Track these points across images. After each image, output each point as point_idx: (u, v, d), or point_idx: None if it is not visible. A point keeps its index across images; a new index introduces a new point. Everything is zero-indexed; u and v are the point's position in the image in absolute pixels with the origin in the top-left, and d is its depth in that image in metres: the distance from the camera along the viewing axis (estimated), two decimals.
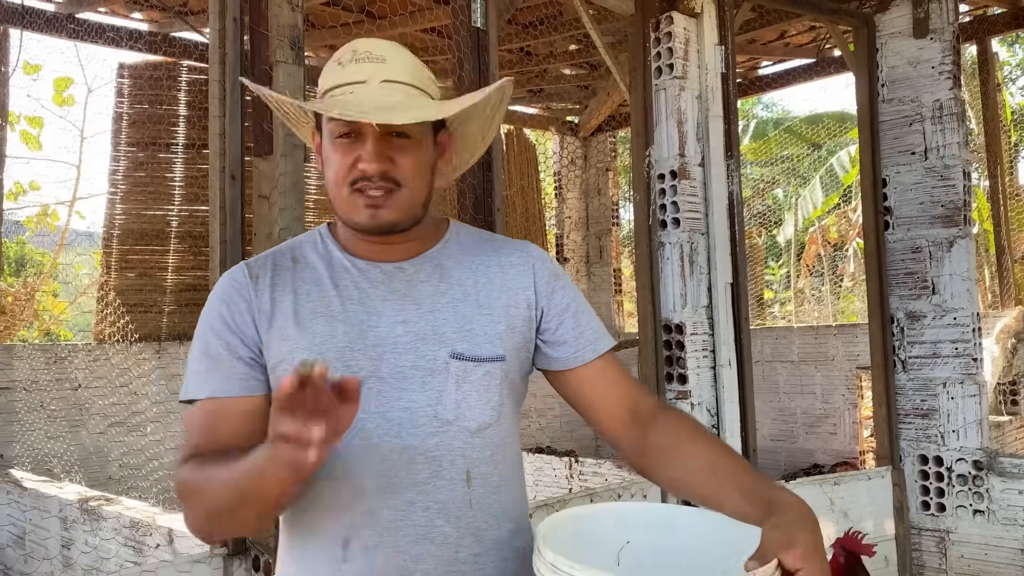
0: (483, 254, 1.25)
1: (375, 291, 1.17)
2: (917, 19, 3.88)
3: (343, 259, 1.20)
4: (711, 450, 1.14)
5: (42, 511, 3.41)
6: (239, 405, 1.14)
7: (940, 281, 3.80)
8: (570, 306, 1.26)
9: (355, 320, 1.15)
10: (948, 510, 3.73)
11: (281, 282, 1.18)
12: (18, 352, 4.64)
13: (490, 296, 1.21)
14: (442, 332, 1.16)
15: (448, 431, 1.14)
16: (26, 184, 5.99)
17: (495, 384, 1.18)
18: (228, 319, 1.16)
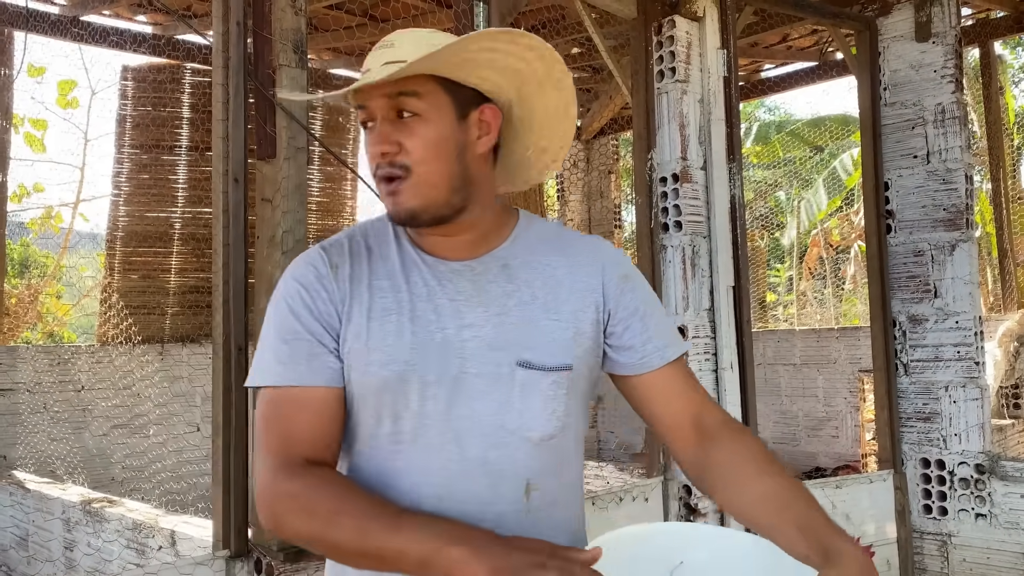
0: (552, 253, 1.20)
1: (443, 290, 1.13)
2: (919, 23, 3.88)
3: (413, 253, 1.16)
4: (773, 478, 1.08)
5: (45, 513, 3.42)
6: (320, 395, 1.09)
7: (942, 285, 3.80)
8: (638, 309, 1.20)
9: (423, 321, 1.11)
10: (950, 514, 3.72)
11: (358, 274, 1.14)
12: (21, 354, 4.65)
13: (558, 299, 1.16)
14: (508, 338, 1.12)
15: (511, 442, 1.11)
16: (30, 186, 6.01)
17: (561, 394, 1.13)
18: (311, 306, 1.11)
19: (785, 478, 1.09)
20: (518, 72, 1.13)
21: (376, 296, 1.13)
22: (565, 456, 1.17)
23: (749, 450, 1.13)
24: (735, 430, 1.17)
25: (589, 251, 1.21)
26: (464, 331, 1.11)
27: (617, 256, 1.24)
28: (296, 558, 2.25)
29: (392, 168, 1.08)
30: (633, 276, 1.23)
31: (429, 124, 1.09)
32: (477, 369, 1.10)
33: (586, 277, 1.19)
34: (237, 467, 2.28)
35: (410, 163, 1.08)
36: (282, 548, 2.24)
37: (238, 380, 2.29)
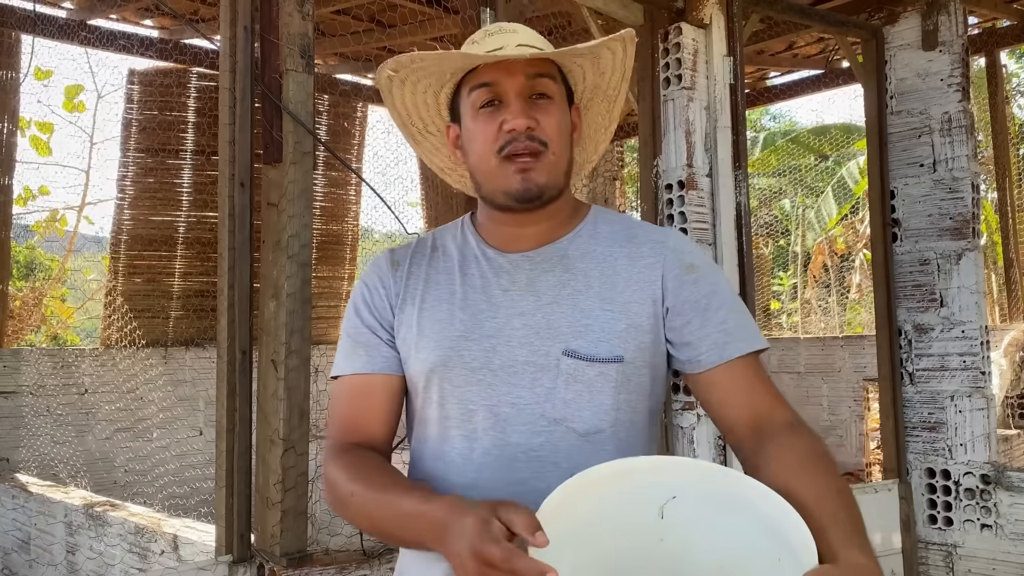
0: (615, 244, 1.19)
1: (498, 280, 1.16)
2: (926, 31, 3.88)
3: (476, 247, 1.21)
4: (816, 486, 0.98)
5: (48, 516, 3.41)
6: (380, 382, 1.18)
7: (948, 294, 3.79)
8: (699, 303, 1.14)
9: (474, 309, 1.15)
10: (955, 524, 3.70)
11: (417, 270, 1.21)
12: (25, 356, 4.65)
13: (613, 290, 1.14)
14: (557, 327, 1.12)
15: (555, 431, 1.10)
16: (35, 189, 6.03)
17: (610, 387, 1.11)
18: (370, 302, 1.21)
19: (829, 485, 0.99)
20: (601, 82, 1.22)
21: (431, 287, 1.19)
22: (620, 453, 1.12)
23: (795, 450, 1.04)
24: (791, 431, 1.08)
25: (654, 242, 1.19)
26: (514, 319, 1.13)
27: (684, 246, 1.19)
28: (299, 564, 2.24)
29: (532, 142, 1.10)
30: (700, 267, 1.17)
31: (558, 108, 1.14)
32: (524, 357, 1.12)
33: (646, 269, 1.16)
34: (240, 471, 2.28)
35: (547, 141, 1.11)
36: (285, 553, 2.24)
37: (242, 384, 2.29)
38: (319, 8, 4.23)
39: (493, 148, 1.11)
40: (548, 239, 1.18)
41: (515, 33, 1.15)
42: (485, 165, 1.13)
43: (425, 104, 1.21)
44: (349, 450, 1.14)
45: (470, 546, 0.87)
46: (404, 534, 1.02)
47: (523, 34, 1.15)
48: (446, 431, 1.14)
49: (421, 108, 1.21)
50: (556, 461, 1.10)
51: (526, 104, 1.11)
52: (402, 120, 1.24)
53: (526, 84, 1.11)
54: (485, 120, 1.12)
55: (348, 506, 1.09)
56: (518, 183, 1.11)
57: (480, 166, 1.14)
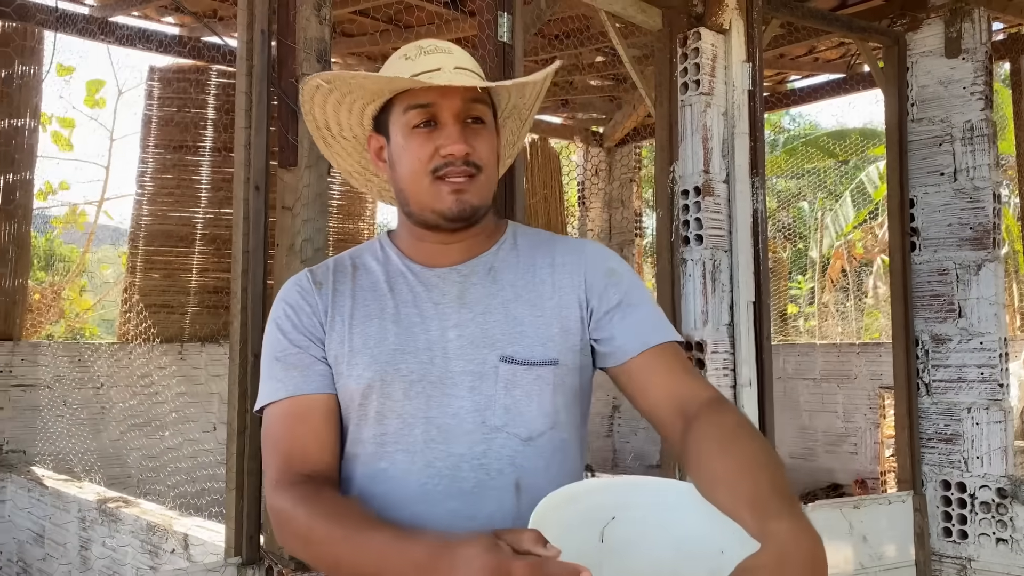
0: (537, 255, 1.23)
1: (428, 295, 1.17)
2: (949, 39, 3.83)
3: (400, 264, 1.21)
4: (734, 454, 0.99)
5: (62, 511, 3.44)
6: (318, 402, 1.14)
7: (967, 304, 3.74)
8: (621, 302, 1.19)
9: (407, 323, 1.15)
10: (970, 537, 3.66)
11: (341, 288, 1.20)
12: (43, 349, 4.70)
13: (541, 297, 1.18)
14: (492, 335, 1.14)
15: (496, 438, 1.12)
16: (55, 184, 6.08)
17: (548, 389, 1.14)
18: (296, 322, 1.17)
19: (749, 450, 1.00)
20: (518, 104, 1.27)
21: (359, 304, 1.18)
22: (558, 457, 1.16)
23: (718, 426, 1.05)
24: (715, 408, 1.09)
25: (573, 251, 1.24)
26: (448, 332, 1.15)
27: (602, 252, 1.25)
28: (307, 567, 2.24)
29: (468, 167, 1.14)
30: (619, 271, 1.23)
31: (490, 133, 1.18)
32: (461, 367, 1.13)
33: (569, 275, 1.21)
34: (251, 473, 2.28)
35: (481, 164, 1.15)
36: (293, 557, 2.24)
37: (254, 386, 2.30)
38: (337, 8, 4.23)
39: (427, 168, 1.14)
40: (473, 253, 1.21)
41: (450, 54, 1.17)
42: (417, 184, 1.15)
43: (348, 112, 1.21)
44: (300, 483, 1.08)
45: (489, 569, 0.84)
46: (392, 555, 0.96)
47: (458, 56, 1.17)
48: (382, 448, 1.13)
49: (342, 116, 1.22)
50: (500, 468, 1.11)
51: (462, 128, 1.14)
52: (316, 124, 1.25)
53: (462, 108, 1.14)
54: (420, 141, 1.14)
55: (310, 546, 1.03)
56: (452, 203, 1.14)
57: (411, 185, 1.16)
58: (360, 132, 1.25)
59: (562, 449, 1.17)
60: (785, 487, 0.95)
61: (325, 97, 1.19)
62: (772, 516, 0.90)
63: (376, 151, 1.23)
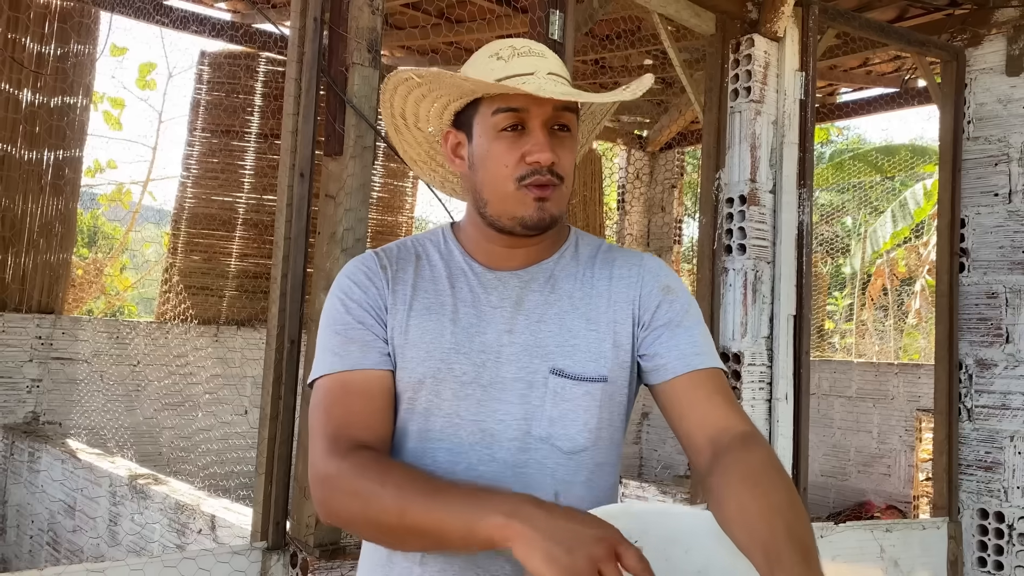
0: (596, 266, 1.22)
1: (487, 297, 1.16)
2: (1011, 56, 3.73)
3: (463, 262, 1.20)
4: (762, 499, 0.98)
5: (94, 484, 3.49)
6: (377, 378, 1.12)
7: (1015, 330, 3.64)
8: (672, 320, 1.17)
9: (464, 323, 1.14)
10: (1006, 569, 3.56)
11: (403, 276, 1.18)
12: (83, 324, 4.77)
13: (597, 310, 1.17)
14: (545, 345, 1.14)
15: (540, 449, 1.11)
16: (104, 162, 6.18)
17: (595, 405, 1.14)
18: (362, 300, 1.15)
19: (772, 493, 0.98)
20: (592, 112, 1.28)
21: (419, 295, 1.17)
22: (598, 470, 1.16)
23: (745, 463, 1.03)
24: (744, 443, 1.07)
25: (632, 264, 1.22)
26: (503, 336, 1.14)
27: (660, 269, 1.23)
28: (332, 555, 2.24)
29: (552, 176, 1.12)
30: (675, 289, 1.21)
31: (574, 141, 1.16)
32: (513, 374, 1.12)
33: (626, 288, 1.19)
34: (281, 459, 2.29)
35: (563, 175, 1.13)
36: (319, 544, 2.24)
37: (289, 372, 2.31)
38: (388, 1, 4.24)
39: (513, 175, 1.12)
40: (535, 259, 1.20)
41: (544, 58, 1.14)
42: (499, 189, 1.13)
43: (430, 106, 1.19)
44: (358, 449, 1.06)
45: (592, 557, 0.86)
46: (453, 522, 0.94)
47: (551, 60, 1.15)
48: (426, 443, 1.12)
49: (422, 108, 1.20)
50: (540, 478, 1.11)
51: (549, 136, 1.11)
52: (391, 112, 1.23)
53: (552, 115, 1.12)
54: (507, 144, 1.12)
55: (371, 505, 1.00)
56: (533, 212, 1.12)
57: (493, 188, 1.14)
58: (437, 126, 1.23)
59: (602, 465, 1.17)
60: (803, 536, 0.94)
61: (410, 90, 1.17)
62: (784, 567, 0.89)
63: (453, 147, 1.20)
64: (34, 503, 3.98)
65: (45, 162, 4.76)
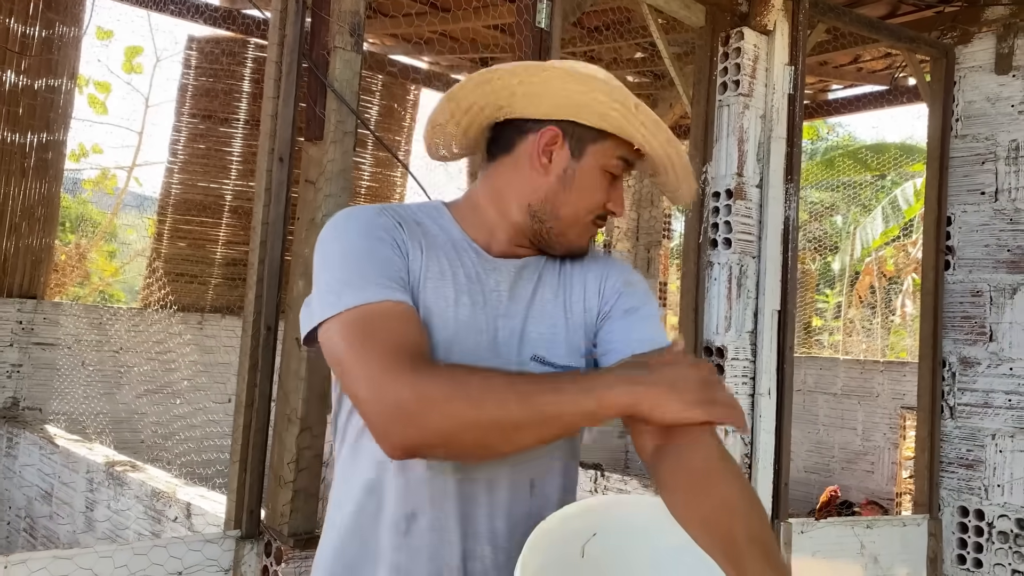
0: (575, 262, 1.26)
1: (487, 279, 1.18)
2: (1000, 54, 3.72)
3: (463, 240, 1.20)
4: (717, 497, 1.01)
5: (71, 470, 3.46)
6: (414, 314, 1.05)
7: (999, 328, 3.64)
8: (629, 309, 1.21)
9: (472, 298, 1.15)
10: (985, 567, 3.57)
11: (414, 235, 1.13)
12: (65, 309, 4.73)
13: (571, 300, 1.22)
14: (528, 332, 1.17)
15: None
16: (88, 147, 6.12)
17: None
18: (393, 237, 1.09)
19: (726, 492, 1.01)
20: None
21: (431, 259, 1.13)
22: (569, 460, 1.20)
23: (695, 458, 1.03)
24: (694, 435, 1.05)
25: (603, 264, 1.27)
26: (498, 320, 1.16)
27: (626, 268, 1.29)
28: (306, 544, 2.22)
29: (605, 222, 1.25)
30: (637, 284, 1.25)
31: None
32: (504, 359, 1.14)
33: (593, 281, 1.24)
34: (256, 447, 2.27)
35: None
36: (293, 533, 2.22)
37: (265, 359, 2.28)
38: None
39: (594, 212, 1.20)
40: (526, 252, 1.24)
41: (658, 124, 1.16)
42: (580, 218, 1.20)
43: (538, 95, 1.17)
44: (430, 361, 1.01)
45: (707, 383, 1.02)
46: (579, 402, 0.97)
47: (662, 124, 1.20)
48: None
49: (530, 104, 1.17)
50: (518, 463, 1.13)
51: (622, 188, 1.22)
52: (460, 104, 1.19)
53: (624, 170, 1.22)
54: (607, 186, 1.20)
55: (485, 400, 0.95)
56: (585, 244, 1.23)
57: (575, 214, 1.19)
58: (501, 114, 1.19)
59: (572, 455, 1.21)
60: (759, 532, 0.97)
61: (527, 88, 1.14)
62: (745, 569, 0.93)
63: (547, 143, 1.17)
64: (11, 489, 3.95)
65: (28, 145, 4.70)
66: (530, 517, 1.10)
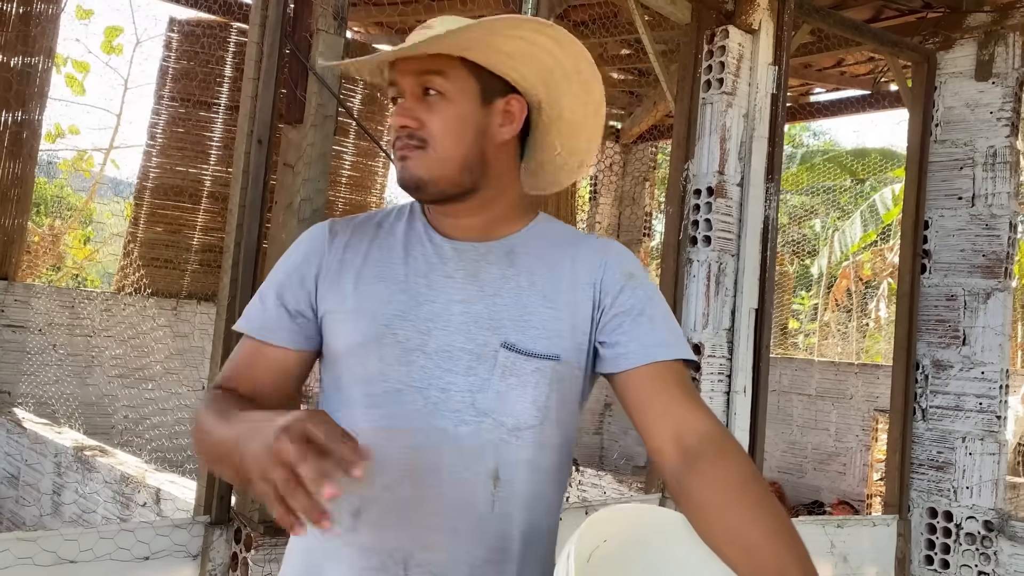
0: (560, 247, 1.19)
1: (443, 267, 1.15)
2: (981, 61, 3.76)
3: (423, 232, 1.19)
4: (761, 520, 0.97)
5: (39, 454, 3.41)
6: (271, 353, 1.14)
7: (972, 332, 3.68)
8: (634, 308, 1.14)
9: (413, 291, 1.13)
10: (952, 568, 3.61)
11: (357, 243, 1.18)
12: (37, 291, 4.65)
13: (556, 290, 1.14)
14: (498, 318, 1.11)
15: (483, 422, 1.09)
16: (65, 127, 6.02)
17: (544, 383, 1.10)
18: (291, 267, 1.18)
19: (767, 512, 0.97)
20: (545, 65, 1.14)
21: (369, 264, 1.16)
22: (541, 450, 1.12)
23: (727, 473, 1.01)
24: (718, 449, 1.04)
25: (596, 248, 1.19)
26: (454, 306, 1.12)
27: (624, 256, 1.20)
28: (276, 532, 2.20)
29: (409, 140, 1.12)
30: (639, 276, 1.18)
31: (451, 104, 1.12)
32: (461, 344, 1.10)
33: (588, 272, 1.16)
34: None
35: (428, 138, 1.11)
36: (263, 520, 2.20)
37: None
38: None
39: (392, 140, 1.15)
40: (495, 234, 1.18)
41: (429, 29, 1.11)
42: None
43: None
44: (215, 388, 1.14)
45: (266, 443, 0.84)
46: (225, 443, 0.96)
47: (436, 29, 1.10)
48: (369, 410, 1.11)
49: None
50: (480, 452, 1.09)
51: (414, 103, 1.12)
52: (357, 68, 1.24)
53: (417, 81, 1.12)
54: (392, 114, 1.15)
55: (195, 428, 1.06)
56: (400, 172, 1.14)
57: None
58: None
59: (548, 446, 1.14)
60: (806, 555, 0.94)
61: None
62: None
63: None
64: None
65: (2, 123, 4.62)
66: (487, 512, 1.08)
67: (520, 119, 1.16)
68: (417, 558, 1.07)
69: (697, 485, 1.01)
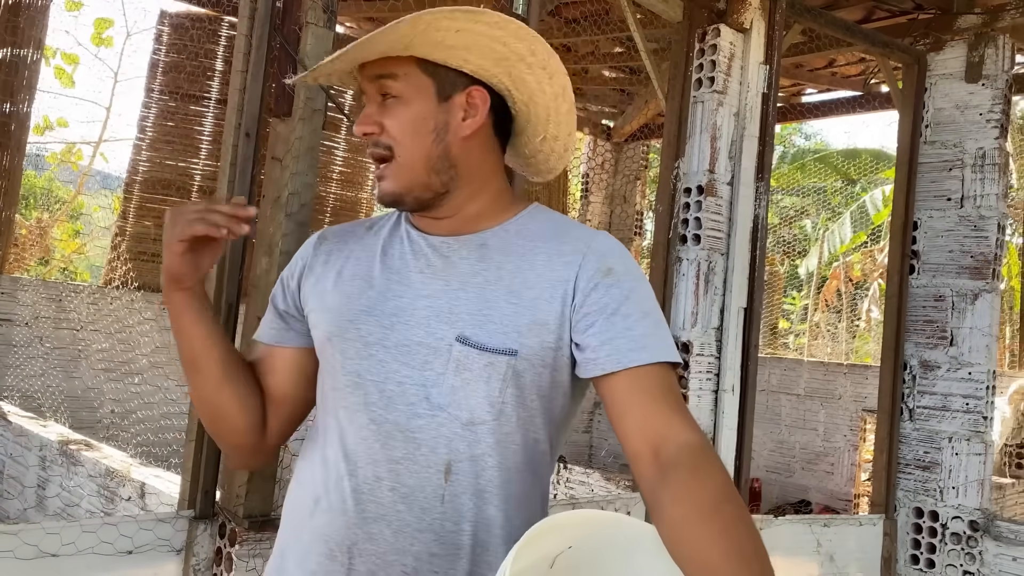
0: (539, 240, 1.14)
1: (416, 262, 1.16)
2: (971, 63, 3.77)
3: (404, 228, 1.21)
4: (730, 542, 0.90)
5: (23, 448, 3.38)
6: (265, 352, 1.25)
7: (959, 333, 3.70)
8: (607, 307, 1.08)
9: (382, 287, 1.15)
10: (937, 567, 3.63)
11: (343, 247, 1.23)
12: (23, 284, 4.62)
13: (523, 285, 1.10)
14: (457, 312, 1.10)
15: (436, 416, 1.08)
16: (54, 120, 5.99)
17: (497, 378, 1.07)
18: (284, 273, 1.27)
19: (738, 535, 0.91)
20: (498, 53, 1.11)
21: (350, 263, 1.20)
22: (498, 446, 1.09)
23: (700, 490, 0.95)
24: (696, 464, 0.98)
25: (578, 241, 1.14)
26: (420, 300, 1.12)
27: (607, 249, 1.13)
28: (261, 527, 2.19)
29: (376, 148, 1.13)
30: (619, 272, 1.11)
31: (406, 106, 1.12)
32: (419, 338, 1.11)
33: (562, 268, 1.11)
34: None
35: (391, 143, 1.12)
36: (248, 515, 2.18)
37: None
38: None
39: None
40: (472, 228, 1.17)
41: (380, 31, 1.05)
42: None
43: None
44: None
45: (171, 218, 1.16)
46: None
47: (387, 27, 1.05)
48: (334, 402, 1.16)
49: None
50: (433, 446, 1.08)
51: (375, 109, 1.13)
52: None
53: (374, 88, 1.13)
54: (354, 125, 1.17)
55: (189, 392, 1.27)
56: (378, 189, 1.16)
57: None
58: None
59: (506, 443, 1.10)
60: None
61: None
62: None
63: None
64: None
65: None
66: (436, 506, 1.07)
67: (483, 110, 1.13)
68: (361, 547, 1.08)
69: (667, 500, 0.96)
